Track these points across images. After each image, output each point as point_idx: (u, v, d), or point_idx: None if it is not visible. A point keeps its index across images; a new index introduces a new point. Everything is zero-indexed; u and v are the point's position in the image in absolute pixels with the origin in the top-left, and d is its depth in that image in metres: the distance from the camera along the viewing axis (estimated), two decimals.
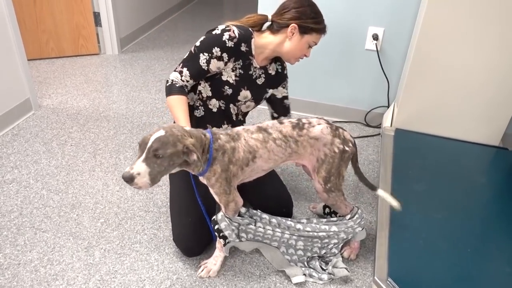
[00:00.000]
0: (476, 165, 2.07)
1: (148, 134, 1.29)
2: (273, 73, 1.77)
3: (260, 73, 1.72)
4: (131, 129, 2.53)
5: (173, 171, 1.38)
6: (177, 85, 1.60)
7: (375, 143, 2.54)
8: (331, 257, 1.64)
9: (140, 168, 1.25)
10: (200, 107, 1.73)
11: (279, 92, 1.83)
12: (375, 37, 2.45)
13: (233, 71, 1.65)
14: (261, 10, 2.53)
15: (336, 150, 1.51)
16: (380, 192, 1.59)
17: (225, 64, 1.62)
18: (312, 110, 2.79)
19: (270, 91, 1.81)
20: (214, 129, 1.49)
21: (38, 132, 2.44)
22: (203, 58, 1.59)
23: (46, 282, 1.54)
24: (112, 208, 1.91)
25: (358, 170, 1.62)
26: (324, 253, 1.65)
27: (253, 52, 1.66)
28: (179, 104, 1.56)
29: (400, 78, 2.52)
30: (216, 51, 1.58)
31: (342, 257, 1.68)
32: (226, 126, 1.77)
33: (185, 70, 1.60)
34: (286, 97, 1.87)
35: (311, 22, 1.61)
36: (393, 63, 2.52)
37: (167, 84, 1.61)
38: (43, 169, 2.14)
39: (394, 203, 1.56)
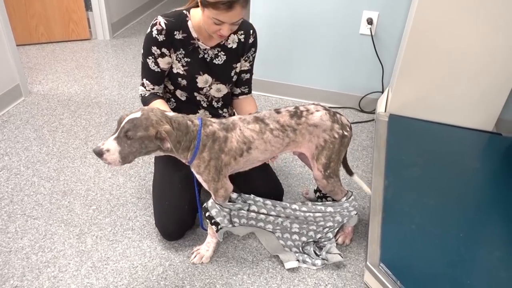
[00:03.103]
0: (470, 150, 2.07)
1: (126, 113, 1.31)
2: (234, 45, 1.63)
3: (216, 52, 1.61)
4: None
5: (154, 155, 1.38)
6: (147, 95, 1.62)
7: (369, 129, 2.53)
8: (326, 242, 1.64)
9: (110, 145, 1.27)
10: (171, 99, 1.73)
11: (240, 66, 1.70)
12: (370, 22, 2.42)
13: (179, 62, 1.60)
14: None
15: (336, 136, 1.50)
16: (355, 177, 1.70)
17: (170, 57, 1.58)
18: (306, 95, 2.77)
19: (238, 65, 1.69)
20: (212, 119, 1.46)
21: (29, 119, 2.41)
22: (150, 62, 1.57)
23: (38, 269, 1.53)
24: (104, 195, 1.90)
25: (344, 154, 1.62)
26: (319, 237, 1.65)
27: (194, 35, 1.57)
28: (159, 106, 1.55)
29: (394, 63, 2.50)
30: (155, 49, 1.55)
31: (337, 243, 1.68)
32: (202, 111, 1.73)
33: (145, 80, 1.62)
34: (246, 71, 1.73)
35: None
36: (387, 48, 2.50)
37: (140, 99, 1.64)
38: (34, 156, 2.11)
39: (366, 188, 1.69)
